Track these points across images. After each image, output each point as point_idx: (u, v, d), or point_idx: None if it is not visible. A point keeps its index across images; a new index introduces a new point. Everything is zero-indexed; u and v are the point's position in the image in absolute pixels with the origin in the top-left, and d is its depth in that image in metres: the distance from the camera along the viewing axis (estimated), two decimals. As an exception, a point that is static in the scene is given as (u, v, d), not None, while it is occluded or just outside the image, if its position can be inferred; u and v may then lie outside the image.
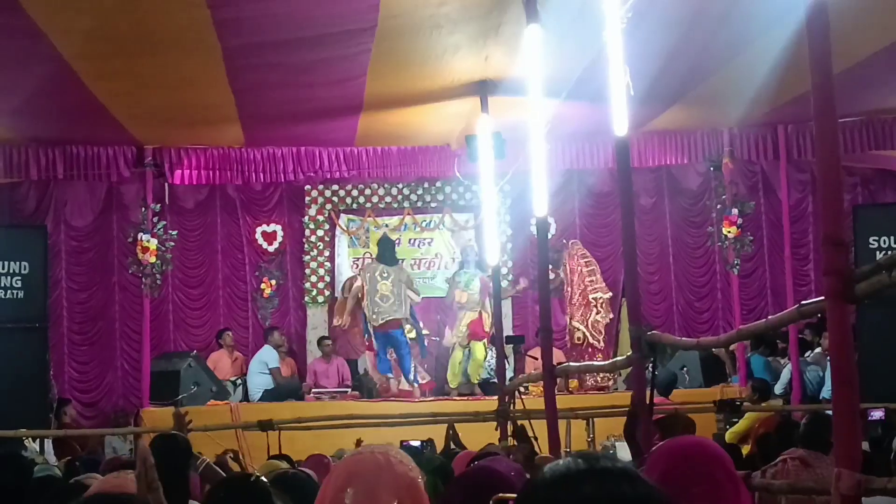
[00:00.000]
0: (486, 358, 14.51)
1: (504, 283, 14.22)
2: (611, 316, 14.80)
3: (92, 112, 12.07)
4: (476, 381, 14.55)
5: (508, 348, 13.82)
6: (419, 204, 16.31)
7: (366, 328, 14.43)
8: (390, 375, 14.30)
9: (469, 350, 14.57)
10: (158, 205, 14.68)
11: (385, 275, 14.23)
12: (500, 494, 2.86)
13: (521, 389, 10.52)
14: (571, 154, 14.80)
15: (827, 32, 3.62)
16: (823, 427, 6.58)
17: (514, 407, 10.21)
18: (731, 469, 2.65)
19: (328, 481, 2.55)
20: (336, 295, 15.67)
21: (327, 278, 16.03)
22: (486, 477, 3.33)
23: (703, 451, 2.69)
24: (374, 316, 14.16)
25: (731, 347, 14.40)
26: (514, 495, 2.64)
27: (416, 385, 14.27)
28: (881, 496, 3.66)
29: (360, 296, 14.36)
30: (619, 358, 8.47)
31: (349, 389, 14.50)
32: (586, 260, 14.78)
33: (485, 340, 14.52)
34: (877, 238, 12.46)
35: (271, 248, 16.27)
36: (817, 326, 13.83)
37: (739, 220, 14.63)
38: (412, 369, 14.31)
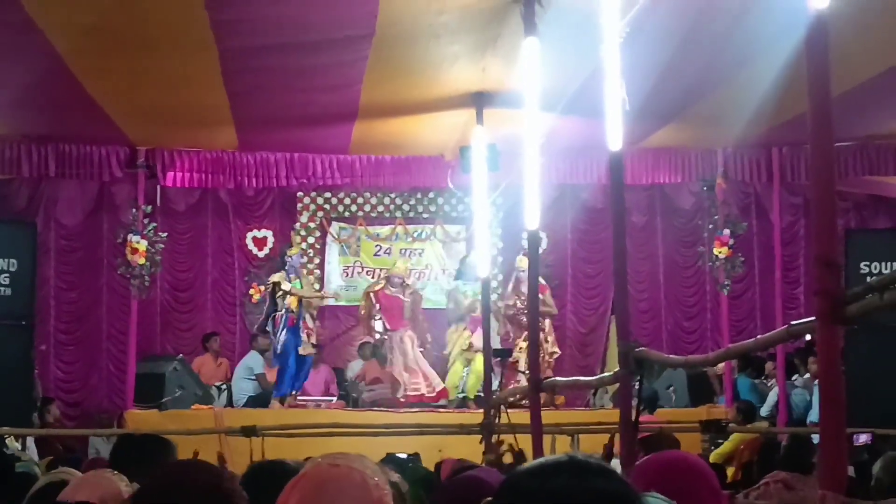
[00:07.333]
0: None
1: (493, 297, 14.07)
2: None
3: (86, 110, 12.01)
4: (472, 397, 14.00)
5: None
6: (411, 214, 16.28)
7: None
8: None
9: (471, 363, 14.15)
10: (150, 206, 14.59)
11: None
12: (488, 499, 2.80)
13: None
14: (565, 169, 14.75)
15: (826, 54, 3.60)
16: (804, 449, 6.59)
17: (499, 420, 10.17)
18: (716, 484, 2.62)
19: (294, 486, 2.41)
20: (330, 302, 15.74)
21: (317, 286, 15.97)
22: (472, 486, 3.24)
23: (688, 466, 2.66)
24: None
25: (719, 369, 14.36)
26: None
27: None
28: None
29: None
30: (605, 374, 8.42)
31: (334, 398, 14.42)
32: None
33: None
34: (868, 263, 12.43)
35: (261, 254, 16.21)
36: (804, 353, 13.83)
37: (731, 241, 14.59)
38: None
